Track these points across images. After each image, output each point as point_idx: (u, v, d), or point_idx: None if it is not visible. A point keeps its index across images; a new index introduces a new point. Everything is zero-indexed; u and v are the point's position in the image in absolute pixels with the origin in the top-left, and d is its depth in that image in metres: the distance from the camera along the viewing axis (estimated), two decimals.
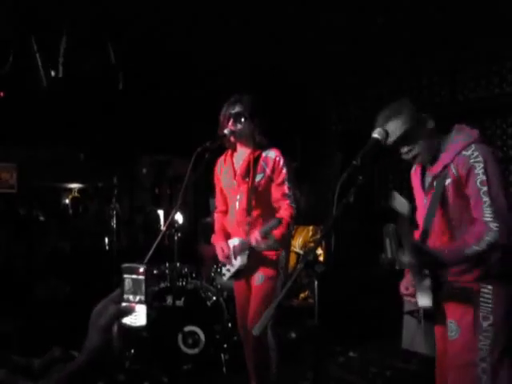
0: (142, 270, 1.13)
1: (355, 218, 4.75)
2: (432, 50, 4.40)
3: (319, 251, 5.00)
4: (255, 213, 2.84)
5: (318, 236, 5.03)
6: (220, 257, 2.90)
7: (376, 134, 1.91)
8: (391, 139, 2.05)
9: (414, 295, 2.11)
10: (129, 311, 1.14)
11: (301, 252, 4.93)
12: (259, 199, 2.86)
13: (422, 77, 4.72)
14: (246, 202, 2.85)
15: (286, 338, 4.74)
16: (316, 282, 1.57)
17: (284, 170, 2.84)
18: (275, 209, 2.88)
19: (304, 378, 3.70)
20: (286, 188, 2.83)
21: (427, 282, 1.98)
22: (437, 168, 2.09)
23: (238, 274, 2.88)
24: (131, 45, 4.12)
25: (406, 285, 2.18)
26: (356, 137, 2.00)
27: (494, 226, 1.88)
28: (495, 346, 1.95)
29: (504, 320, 1.97)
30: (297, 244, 5.05)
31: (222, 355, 3.85)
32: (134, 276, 1.13)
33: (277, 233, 2.73)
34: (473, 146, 1.99)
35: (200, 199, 5.91)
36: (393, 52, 4.47)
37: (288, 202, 2.81)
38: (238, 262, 2.82)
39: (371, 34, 4.03)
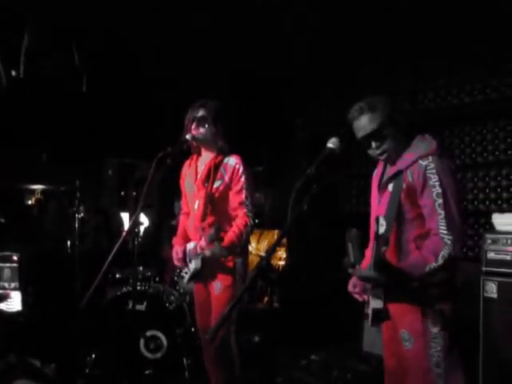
0: (15, 258, 1.14)
1: (318, 223, 4.81)
2: (394, 60, 4.52)
3: (283, 255, 5.05)
4: (210, 219, 2.83)
5: (284, 240, 5.08)
6: (174, 260, 2.90)
7: (330, 144, 1.95)
8: (361, 134, 2.11)
9: (361, 294, 2.16)
10: (3, 297, 1.15)
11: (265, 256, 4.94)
12: (216, 206, 2.85)
13: (385, 86, 4.83)
14: (202, 208, 2.85)
15: (250, 342, 4.77)
16: (269, 288, 1.59)
17: (242, 178, 2.83)
18: (232, 217, 2.87)
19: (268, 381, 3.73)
20: (243, 196, 2.82)
21: (380, 288, 2.03)
22: (392, 171, 2.14)
23: (193, 278, 2.87)
24: (95, 46, 4.07)
25: (353, 283, 2.22)
26: (321, 144, 2.05)
27: (448, 239, 1.93)
28: (447, 351, 2.01)
29: (450, 325, 2.04)
30: (262, 248, 5.08)
31: (185, 360, 3.85)
32: (9, 264, 1.14)
33: (226, 240, 2.73)
34: (430, 157, 2.03)
35: (166, 202, 5.87)
36: (358, 61, 4.57)
37: (245, 210, 2.81)
38: (191, 266, 2.81)
39: (337, 43, 4.10)
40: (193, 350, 3.89)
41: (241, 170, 2.84)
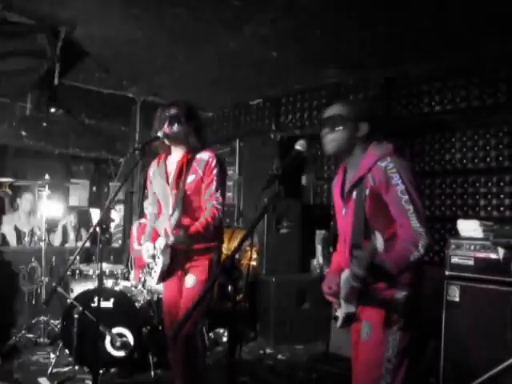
0: None
1: (288, 225, 4.86)
2: (368, 67, 4.58)
3: (254, 255, 5.07)
4: (183, 218, 2.82)
5: (256, 240, 5.10)
6: (143, 258, 2.89)
7: (298, 146, 1.98)
8: (327, 114, 2.18)
9: (336, 295, 2.17)
10: None
11: (236, 256, 4.95)
12: (188, 203, 2.85)
13: (359, 91, 4.90)
14: (174, 205, 2.85)
15: (218, 342, 4.77)
16: (232, 288, 1.60)
17: (214, 171, 2.84)
18: (201, 207, 2.87)
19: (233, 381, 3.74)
20: (214, 188, 2.83)
21: (357, 291, 2.05)
22: (354, 178, 2.18)
23: (163, 275, 2.86)
24: (65, 41, 4.00)
25: (328, 284, 2.22)
26: (293, 145, 2.08)
27: (422, 230, 1.98)
28: (399, 348, 2.06)
29: (410, 323, 2.09)
30: (233, 247, 5.07)
31: (150, 357, 3.83)
32: None
33: (191, 229, 2.73)
34: (388, 158, 2.09)
35: (138, 200, 5.83)
36: (332, 64, 4.61)
37: (214, 202, 2.81)
38: (160, 262, 2.80)
39: (310, 45, 4.13)
40: (159, 347, 3.87)
41: (213, 163, 2.85)
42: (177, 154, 2.97)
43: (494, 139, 4.25)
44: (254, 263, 5.13)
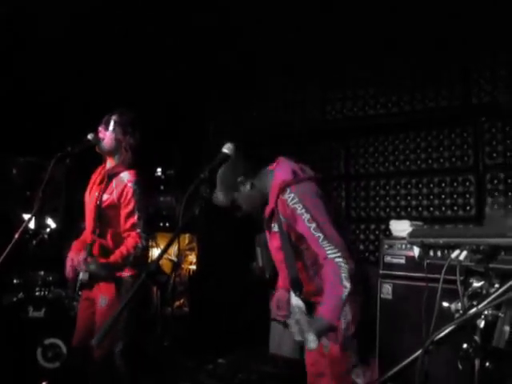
0: None
1: (228, 228, 4.85)
2: (304, 70, 4.67)
3: (193, 258, 5.04)
4: (98, 231, 2.71)
5: (194, 244, 5.07)
6: (67, 267, 2.76)
7: (225, 149, 1.98)
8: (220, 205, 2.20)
9: (284, 316, 2.19)
10: None
11: (175, 260, 4.92)
12: (103, 219, 2.73)
13: (296, 94, 4.97)
14: (91, 221, 2.74)
15: (160, 347, 4.70)
16: (159, 292, 1.58)
17: (134, 199, 2.69)
18: (123, 238, 2.74)
19: None
20: (135, 218, 2.69)
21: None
22: (267, 213, 2.20)
23: (81, 288, 2.74)
24: None
25: (278, 304, 2.25)
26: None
27: (339, 260, 1.97)
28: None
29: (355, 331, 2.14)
30: (172, 252, 5.03)
31: (86, 368, 3.70)
32: None
33: (110, 258, 2.63)
34: (287, 189, 2.09)
35: (75, 204, 5.63)
36: (268, 71, 4.66)
37: (137, 231, 2.68)
38: (80, 276, 2.68)
39: (246, 53, 4.16)
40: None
41: (132, 190, 2.70)
42: (108, 165, 2.85)
43: (423, 142, 4.44)
44: (194, 267, 5.10)
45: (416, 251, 1.47)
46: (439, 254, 1.35)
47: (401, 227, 3.70)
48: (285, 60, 4.43)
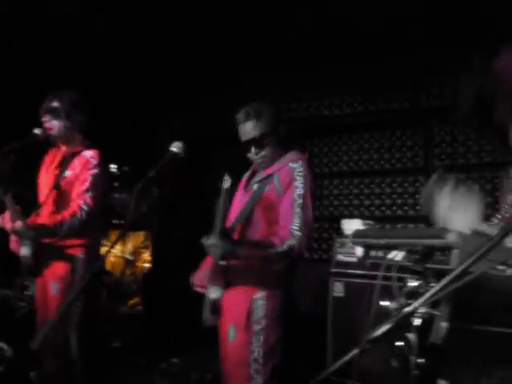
0: None
1: (182, 225, 4.82)
2: (262, 73, 4.69)
3: (148, 256, 4.97)
4: (52, 208, 2.66)
5: (149, 242, 5.00)
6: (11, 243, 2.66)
7: (174, 148, 1.98)
8: (244, 138, 2.22)
9: (205, 287, 2.20)
10: None
11: (131, 258, 4.84)
12: (61, 197, 2.67)
13: (254, 96, 4.97)
14: (47, 197, 2.68)
15: (111, 346, 4.60)
16: (105, 292, 1.55)
17: (91, 171, 2.67)
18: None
19: None
20: (84, 187, 2.63)
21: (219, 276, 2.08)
22: (264, 174, 2.27)
23: (28, 270, 2.59)
24: None
25: (199, 276, 2.29)
26: (197, 145, 2.09)
27: (297, 234, 2.07)
28: (265, 349, 2.11)
29: (274, 324, 2.15)
30: (127, 250, 4.94)
31: (32, 372, 3.58)
32: None
33: (39, 221, 2.58)
34: (300, 161, 2.21)
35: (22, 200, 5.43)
36: (235, 70, 4.65)
37: (81, 202, 2.61)
38: (21, 252, 2.55)
39: (219, 51, 4.15)
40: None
41: (93, 163, 2.69)
42: (63, 148, 2.83)
43: (376, 143, 4.54)
44: (148, 265, 5.03)
45: (359, 251, 1.51)
46: (381, 254, 1.39)
47: (352, 226, 3.78)
48: (246, 62, 4.44)
